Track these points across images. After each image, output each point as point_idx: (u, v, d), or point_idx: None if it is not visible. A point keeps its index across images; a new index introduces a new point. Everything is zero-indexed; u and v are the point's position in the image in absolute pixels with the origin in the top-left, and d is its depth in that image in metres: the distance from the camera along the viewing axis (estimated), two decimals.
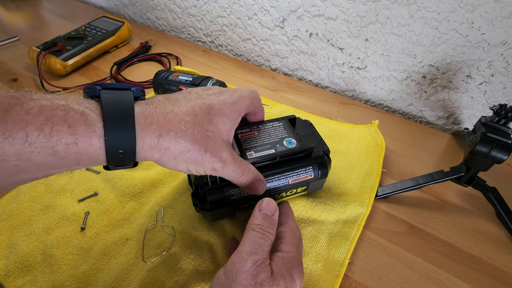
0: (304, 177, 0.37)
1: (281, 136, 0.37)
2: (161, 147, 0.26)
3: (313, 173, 0.37)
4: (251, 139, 0.36)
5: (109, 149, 0.24)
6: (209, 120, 0.28)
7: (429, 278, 0.38)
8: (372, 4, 0.54)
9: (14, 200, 0.43)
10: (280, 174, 0.36)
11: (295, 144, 0.36)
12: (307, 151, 0.37)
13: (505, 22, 0.45)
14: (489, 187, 0.43)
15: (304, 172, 0.37)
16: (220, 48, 0.83)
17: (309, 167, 0.37)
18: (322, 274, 0.37)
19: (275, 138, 0.37)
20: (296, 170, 0.36)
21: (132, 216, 0.42)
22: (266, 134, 0.37)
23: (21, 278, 0.36)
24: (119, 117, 0.24)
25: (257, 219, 0.30)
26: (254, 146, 0.36)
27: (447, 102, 0.58)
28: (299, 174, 0.37)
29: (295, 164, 0.36)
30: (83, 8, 0.96)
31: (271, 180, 0.36)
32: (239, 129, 0.37)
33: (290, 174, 0.36)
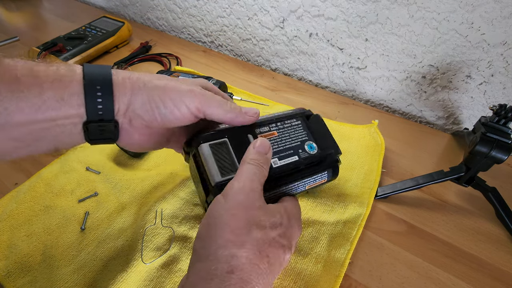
0: (319, 182, 0.36)
1: (302, 139, 0.35)
2: (132, 75, 0.29)
3: (327, 178, 0.37)
4: (272, 140, 0.34)
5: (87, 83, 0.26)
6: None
7: (429, 278, 0.38)
8: (372, 4, 0.54)
9: (14, 201, 0.43)
10: (299, 181, 0.34)
11: (316, 149, 0.35)
12: (326, 157, 0.36)
13: (505, 22, 0.45)
14: (489, 187, 0.43)
15: (320, 177, 0.36)
16: (220, 48, 0.83)
17: (324, 172, 0.36)
18: (323, 275, 0.37)
19: (296, 141, 0.35)
20: (313, 176, 0.35)
21: (132, 217, 0.42)
22: (286, 136, 0.35)
23: (21, 278, 0.36)
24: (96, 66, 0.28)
25: (251, 154, 0.29)
26: (277, 150, 0.33)
27: (447, 102, 0.58)
28: (315, 180, 0.36)
29: (313, 170, 0.35)
30: (83, 8, 0.96)
31: (290, 188, 0.34)
32: (257, 128, 0.34)
33: (308, 181, 0.35)
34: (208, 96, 0.30)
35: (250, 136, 0.33)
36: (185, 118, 0.29)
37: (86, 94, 0.26)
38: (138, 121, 0.29)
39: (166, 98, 0.28)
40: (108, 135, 0.28)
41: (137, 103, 0.28)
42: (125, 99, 0.28)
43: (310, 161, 0.34)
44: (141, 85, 0.28)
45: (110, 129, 0.28)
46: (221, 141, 0.31)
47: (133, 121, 0.29)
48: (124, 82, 0.28)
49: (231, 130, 0.32)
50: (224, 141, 0.31)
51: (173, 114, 0.29)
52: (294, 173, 0.34)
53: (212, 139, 0.31)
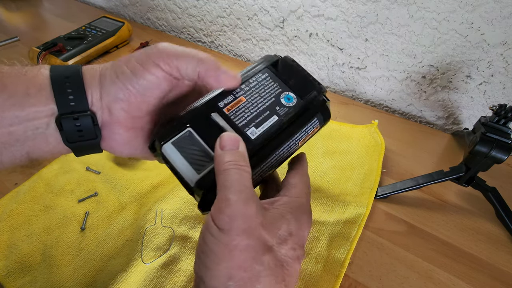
0: (312, 132, 0.31)
1: (276, 93, 0.30)
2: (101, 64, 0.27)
3: (319, 124, 0.31)
4: (242, 109, 0.28)
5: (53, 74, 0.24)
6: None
7: (429, 278, 0.38)
8: (372, 4, 0.54)
9: (14, 201, 0.43)
10: (288, 141, 0.29)
11: (295, 99, 0.30)
12: (310, 103, 0.30)
13: (505, 22, 0.45)
14: (489, 187, 0.43)
15: (311, 127, 0.31)
16: (220, 49, 0.83)
17: (314, 119, 0.30)
18: (323, 275, 0.37)
19: (270, 98, 0.29)
20: (302, 129, 0.30)
21: (132, 216, 0.42)
22: (256, 97, 0.29)
23: (21, 278, 0.36)
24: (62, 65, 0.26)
25: (222, 159, 0.24)
26: (250, 118, 0.28)
27: (447, 102, 0.58)
28: (306, 132, 0.30)
29: (301, 122, 0.30)
30: (83, 8, 0.96)
31: (280, 153, 0.29)
32: (220, 101, 0.28)
33: (298, 137, 0.30)
34: (177, 49, 0.26)
35: (215, 114, 0.27)
36: (159, 79, 0.26)
37: (53, 84, 0.24)
38: (117, 106, 0.26)
39: (132, 63, 0.25)
40: (88, 135, 0.26)
41: (107, 84, 0.25)
42: (97, 87, 0.25)
43: (293, 114, 0.29)
44: (108, 66, 0.26)
45: (88, 126, 0.25)
46: (183, 134, 0.27)
47: (112, 109, 0.26)
48: (94, 72, 0.26)
49: (190, 113, 0.28)
50: (187, 132, 0.27)
51: (145, 79, 0.25)
52: (279, 134, 0.29)
53: (172, 135, 0.26)
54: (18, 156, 0.25)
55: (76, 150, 0.27)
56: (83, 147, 0.27)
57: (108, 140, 0.27)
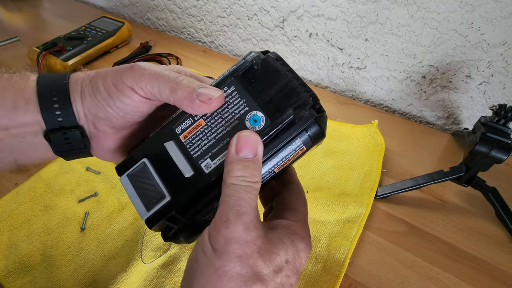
0: (295, 155, 0.24)
1: (240, 114, 0.24)
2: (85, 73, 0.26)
3: (304, 146, 0.24)
4: (199, 135, 0.24)
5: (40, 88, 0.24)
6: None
7: (429, 278, 0.38)
8: (372, 4, 0.54)
9: (14, 201, 0.43)
10: None
11: (263, 120, 0.23)
12: (284, 123, 0.23)
13: (505, 22, 0.45)
14: (489, 187, 0.43)
15: (292, 150, 0.24)
16: (220, 49, 0.83)
17: (295, 141, 0.23)
18: (323, 275, 0.37)
19: (233, 121, 0.24)
20: (278, 155, 0.24)
21: (132, 216, 0.42)
22: (217, 119, 0.24)
23: (21, 278, 0.36)
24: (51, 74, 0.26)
25: (235, 168, 0.21)
26: (207, 147, 0.24)
27: (447, 102, 0.58)
28: (286, 157, 0.24)
29: (277, 148, 0.23)
30: (83, 8, 0.96)
31: None
32: (178, 125, 0.25)
33: (273, 164, 0.24)
34: (151, 71, 0.24)
35: (168, 143, 0.25)
36: (136, 102, 0.24)
37: (40, 100, 0.24)
38: (101, 123, 0.25)
39: (108, 84, 0.24)
40: (77, 145, 0.25)
41: (87, 101, 0.25)
42: (80, 101, 0.25)
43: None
44: (87, 81, 0.25)
45: (77, 138, 0.25)
46: (138, 166, 0.25)
47: (97, 124, 0.26)
48: (77, 84, 0.25)
49: (148, 143, 0.26)
50: (141, 164, 0.25)
51: (121, 101, 0.24)
52: None
53: (129, 166, 0.25)
54: (6, 162, 0.25)
55: (65, 157, 0.27)
56: (72, 155, 0.27)
57: (97, 149, 0.27)
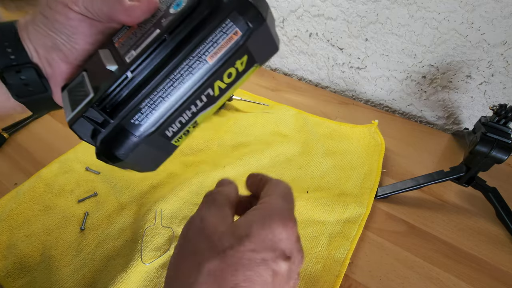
0: (227, 41, 0.21)
1: (167, 5, 0.23)
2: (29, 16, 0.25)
3: (237, 27, 0.21)
4: (130, 36, 0.24)
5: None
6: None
7: (429, 278, 0.38)
8: (372, 4, 0.54)
9: (14, 201, 0.43)
10: (187, 58, 0.21)
11: (185, 2, 0.22)
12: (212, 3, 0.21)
13: (505, 22, 0.45)
14: (489, 187, 0.43)
15: (222, 33, 0.21)
16: None
17: (225, 22, 0.21)
18: (323, 275, 0.37)
19: (160, 14, 0.23)
20: (208, 37, 0.21)
21: (132, 217, 0.42)
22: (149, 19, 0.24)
23: (21, 278, 0.36)
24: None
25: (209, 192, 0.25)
26: (133, 43, 0.23)
27: (447, 102, 0.58)
28: (216, 42, 0.21)
29: (203, 29, 0.21)
30: None
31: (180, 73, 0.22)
32: (114, 36, 0.25)
33: (202, 49, 0.21)
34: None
35: (103, 50, 0.24)
36: (74, 21, 0.23)
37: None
38: (54, 56, 0.24)
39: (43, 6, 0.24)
40: (37, 88, 0.25)
41: (32, 34, 0.24)
42: (27, 38, 0.24)
43: (176, 21, 0.21)
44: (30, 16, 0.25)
45: (34, 79, 0.24)
46: (77, 79, 0.24)
47: (49, 60, 0.24)
48: (23, 23, 0.25)
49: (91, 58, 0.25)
50: (80, 77, 0.24)
51: (58, 21, 0.23)
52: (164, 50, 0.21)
53: (71, 81, 0.25)
54: None
55: (29, 105, 0.26)
56: (35, 102, 0.26)
57: (58, 94, 0.26)
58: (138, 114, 0.22)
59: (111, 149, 0.23)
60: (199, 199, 0.45)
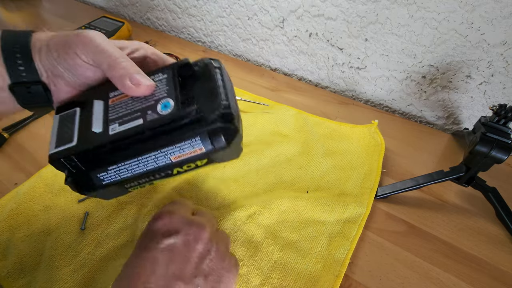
0: (191, 152, 0.27)
1: (158, 97, 0.27)
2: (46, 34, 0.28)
3: (203, 146, 0.27)
4: (122, 105, 0.28)
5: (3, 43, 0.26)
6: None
7: (429, 278, 0.38)
8: (372, 4, 0.54)
9: (14, 201, 0.43)
10: (155, 151, 0.27)
11: (172, 107, 0.26)
12: (188, 117, 0.26)
13: (505, 22, 0.45)
14: (489, 187, 0.43)
15: (189, 145, 0.27)
16: (220, 48, 0.83)
17: (195, 138, 0.27)
18: (322, 275, 0.37)
19: (150, 101, 0.27)
20: (177, 144, 0.27)
21: (132, 217, 0.42)
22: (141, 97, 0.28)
23: (21, 278, 0.36)
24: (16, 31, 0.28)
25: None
26: (122, 114, 0.27)
27: (447, 102, 0.58)
28: (182, 149, 0.27)
29: (176, 137, 0.27)
30: (83, 8, 0.96)
31: (146, 159, 0.27)
32: (112, 90, 0.28)
33: (170, 150, 0.27)
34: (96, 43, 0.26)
35: (98, 102, 0.28)
36: (81, 67, 0.27)
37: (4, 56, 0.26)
38: (58, 80, 0.28)
39: (57, 45, 0.26)
40: (41, 99, 0.28)
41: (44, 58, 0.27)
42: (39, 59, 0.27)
43: (156, 125, 0.26)
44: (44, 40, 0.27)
45: (40, 92, 0.27)
46: (71, 112, 0.28)
47: (55, 81, 0.28)
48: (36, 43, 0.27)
49: (88, 94, 0.29)
50: (73, 111, 0.28)
51: (67, 63, 0.26)
52: (141, 139, 0.26)
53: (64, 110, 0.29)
54: None
55: (31, 110, 0.29)
56: (38, 108, 0.29)
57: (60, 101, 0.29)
58: (104, 173, 0.28)
59: (77, 186, 0.29)
60: (200, 199, 0.45)
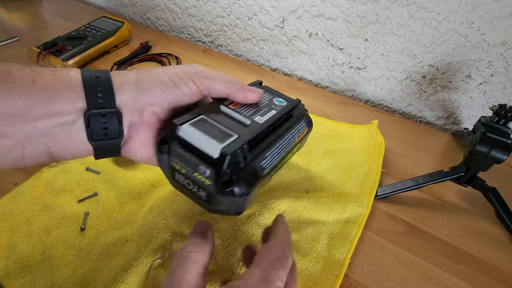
0: (302, 133, 0.36)
1: (268, 98, 0.36)
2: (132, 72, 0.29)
3: (306, 127, 0.37)
4: (242, 108, 0.33)
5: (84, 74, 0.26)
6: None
7: (429, 278, 0.38)
8: (372, 4, 0.54)
9: (14, 200, 0.43)
10: (288, 133, 0.34)
11: (285, 102, 0.36)
12: (296, 106, 0.36)
13: (505, 22, 0.45)
14: (489, 187, 0.43)
15: (301, 128, 0.36)
16: (220, 48, 0.83)
17: (302, 122, 0.36)
18: (322, 275, 0.37)
19: (265, 101, 0.35)
20: (296, 127, 0.35)
21: (132, 217, 0.42)
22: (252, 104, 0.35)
23: (21, 278, 0.36)
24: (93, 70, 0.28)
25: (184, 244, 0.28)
26: (253, 111, 0.32)
27: (447, 102, 0.58)
28: (299, 131, 0.35)
29: (292, 122, 0.35)
30: (83, 8, 0.96)
31: (283, 142, 0.33)
32: (221, 103, 0.33)
33: (295, 131, 0.35)
34: (210, 72, 0.31)
35: (223, 106, 0.32)
36: (192, 92, 0.30)
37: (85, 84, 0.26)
38: (150, 109, 0.28)
39: (172, 75, 0.29)
40: (113, 133, 0.27)
41: (145, 88, 0.28)
42: (130, 90, 0.28)
43: (286, 112, 0.34)
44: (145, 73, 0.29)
45: (114, 124, 0.27)
46: (198, 118, 0.29)
47: (144, 112, 0.28)
48: (126, 77, 0.28)
49: (200, 108, 0.31)
50: (201, 118, 0.29)
51: (182, 90, 0.29)
52: (279, 126, 0.33)
53: (189, 119, 0.29)
54: (39, 151, 0.25)
55: (97, 149, 0.28)
56: (104, 147, 0.28)
57: (133, 140, 0.29)
58: (264, 161, 0.30)
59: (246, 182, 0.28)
60: None
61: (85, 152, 0.28)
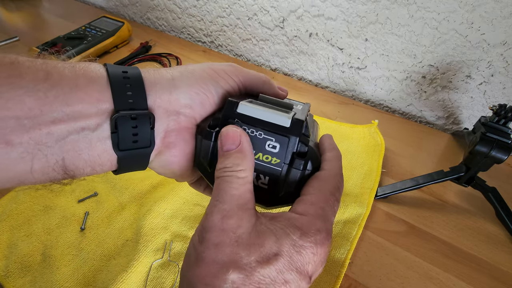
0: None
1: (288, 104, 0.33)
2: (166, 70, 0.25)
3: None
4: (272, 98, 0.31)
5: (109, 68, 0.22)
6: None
7: (429, 278, 0.38)
8: (372, 4, 0.54)
9: (14, 201, 0.43)
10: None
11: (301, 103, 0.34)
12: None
13: (505, 22, 0.45)
14: (489, 187, 0.43)
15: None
16: (220, 48, 0.83)
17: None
18: (323, 275, 0.37)
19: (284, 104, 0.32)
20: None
21: (132, 216, 0.42)
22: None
23: (21, 278, 0.36)
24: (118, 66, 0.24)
25: (219, 161, 0.22)
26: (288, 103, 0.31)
27: (447, 102, 0.58)
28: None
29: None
30: (83, 8, 0.96)
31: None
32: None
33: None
34: (248, 70, 0.29)
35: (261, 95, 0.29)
36: (229, 87, 0.27)
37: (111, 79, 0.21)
38: (187, 112, 0.24)
39: (212, 73, 0.26)
40: (143, 140, 0.22)
41: (185, 85, 0.24)
42: (167, 89, 0.23)
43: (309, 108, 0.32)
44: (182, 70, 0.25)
45: (145, 129, 0.22)
46: (249, 100, 0.27)
47: (181, 113, 0.24)
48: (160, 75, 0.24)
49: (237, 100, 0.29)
50: (250, 100, 0.27)
51: (222, 86, 0.26)
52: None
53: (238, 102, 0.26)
54: (51, 163, 0.20)
55: (123, 161, 0.22)
56: (132, 158, 0.23)
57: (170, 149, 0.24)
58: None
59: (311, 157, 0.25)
60: (200, 199, 0.45)
61: (108, 165, 0.22)
